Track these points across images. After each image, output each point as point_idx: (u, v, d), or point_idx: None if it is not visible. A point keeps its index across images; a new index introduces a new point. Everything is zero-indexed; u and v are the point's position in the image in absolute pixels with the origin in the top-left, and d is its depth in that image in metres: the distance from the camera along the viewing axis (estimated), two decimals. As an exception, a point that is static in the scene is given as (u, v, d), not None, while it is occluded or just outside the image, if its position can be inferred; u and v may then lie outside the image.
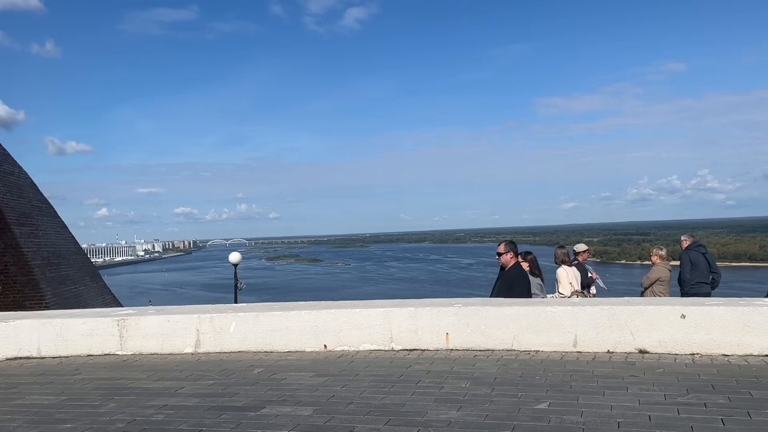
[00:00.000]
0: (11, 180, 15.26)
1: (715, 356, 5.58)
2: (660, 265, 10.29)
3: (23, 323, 7.05)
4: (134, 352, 6.79)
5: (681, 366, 5.32)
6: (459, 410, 4.29)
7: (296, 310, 6.73)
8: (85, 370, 6.21)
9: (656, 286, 10.16)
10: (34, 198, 16.22)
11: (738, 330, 5.59)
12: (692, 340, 5.70)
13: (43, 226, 15.96)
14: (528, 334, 6.08)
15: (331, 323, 6.51)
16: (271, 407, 4.56)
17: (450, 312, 6.28)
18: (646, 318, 5.83)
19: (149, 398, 4.97)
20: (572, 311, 6.02)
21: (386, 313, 6.41)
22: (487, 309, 6.24)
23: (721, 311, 5.68)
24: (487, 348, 6.14)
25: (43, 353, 6.90)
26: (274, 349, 6.56)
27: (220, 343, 6.68)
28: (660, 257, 10.38)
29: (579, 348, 5.93)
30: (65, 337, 6.90)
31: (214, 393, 5.06)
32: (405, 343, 6.35)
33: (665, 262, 10.38)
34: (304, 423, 4.16)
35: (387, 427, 3.99)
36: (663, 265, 10.29)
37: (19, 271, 14.16)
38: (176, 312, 7.04)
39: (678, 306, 5.87)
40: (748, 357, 5.49)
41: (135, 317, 6.91)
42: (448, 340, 6.25)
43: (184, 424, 4.25)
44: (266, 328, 6.62)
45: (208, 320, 6.71)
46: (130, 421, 4.37)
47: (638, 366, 5.36)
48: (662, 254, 10.39)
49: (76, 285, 16.48)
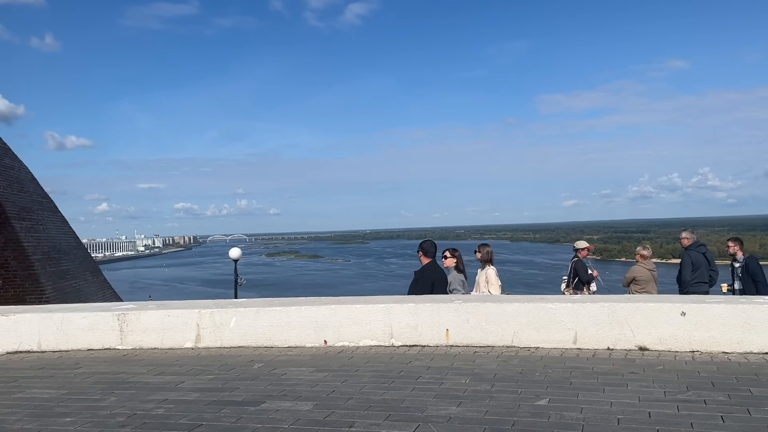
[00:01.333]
0: (12, 174, 15.25)
1: (715, 353, 5.58)
2: (639, 265, 10.26)
3: (24, 317, 7.05)
4: (134, 347, 6.80)
5: (681, 363, 5.33)
6: (459, 406, 4.30)
7: (296, 305, 6.74)
8: (86, 364, 6.22)
9: (633, 285, 10.14)
10: (34, 192, 16.21)
11: (738, 327, 5.59)
12: (692, 337, 5.70)
13: (44, 221, 15.96)
14: (528, 330, 6.08)
15: (332, 319, 6.51)
16: (271, 402, 4.57)
17: (450, 308, 6.29)
18: (646, 315, 5.83)
19: (149, 392, 4.97)
20: (572, 308, 6.02)
21: (386, 309, 6.41)
22: (487, 305, 6.24)
23: (722, 309, 5.68)
24: (487, 344, 6.15)
25: (44, 347, 6.91)
26: (275, 345, 6.57)
27: (220, 338, 6.68)
28: (642, 257, 10.35)
29: (579, 345, 5.93)
30: (65, 331, 6.90)
31: (214, 388, 5.07)
32: (405, 339, 6.35)
33: (647, 262, 10.33)
34: (304, 418, 4.16)
35: (387, 423, 3.99)
36: (642, 265, 10.24)
37: (19, 265, 14.17)
38: (176, 307, 7.04)
39: (678, 303, 5.87)
40: (748, 354, 5.49)
41: (135, 312, 6.91)
42: (448, 337, 6.25)
43: (184, 418, 4.25)
44: (266, 324, 6.63)
45: (208, 315, 6.72)
46: (131, 415, 4.38)
47: (638, 363, 5.36)
48: (644, 254, 10.35)
49: (76, 280, 16.48)
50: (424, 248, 8.42)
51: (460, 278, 8.55)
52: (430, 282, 8.16)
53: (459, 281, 8.51)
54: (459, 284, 8.47)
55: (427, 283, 8.15)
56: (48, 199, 17.01)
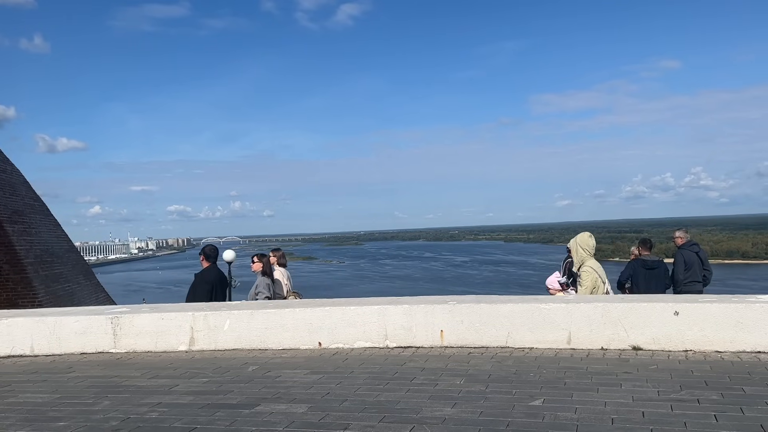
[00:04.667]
0: (3, 177, 15.16)
1: (708, 353, 5.60)
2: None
3: (16, 321, 7.02)
4: (128, 350, 6.77)
5: (674, 362, 5.35)
6: (453, 407, 4.30)
7: (291, 307, 6.72)
8: (79, 368, 6.19)
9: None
10: (26, 196, 16.12)
11: (731, 327, 5.62)
12: (685, 336, 5.72)
13: (36, 224, 15.87)
14: (522, 331, 6.09)
15: (326, 321, 6.50)
16: (265, 405, 4.56)
17: (444, 309, 6.29)
18: (639, 315, 5.85)
19: (143, 396, 4.95)
20: (566, 308, 6.03)
21: (381, 311, 6.41)
22: (481, 306, 6.25)
23: (714, 308, 5.71)
24: (481, 345, 6.16)
25: (37, 351, 6.87)
26: (269, 347, 6.56)
27: (214, 340, 6.66)
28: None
29: (573, 345, 5.95)
30: (58, 335, 6.87)
31: (208, 391, 5.05)
32: (399, 341, 6.35)
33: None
34: (298, 420, 4.15)
35: (381, 425, 3.99)
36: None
37: (11, 269, 14.09)
38: (170, 310, 7.01)
39: (671, 303, 5.89)
40: (741, 353, 5.52)
41: (129, 315, 6.89)
42: (443, 338, 6.26)
43: (178, 422, 4.24)
44: (261, 326, 6.61)
45: (202, 318, 6.70)
46: (124, 419, 4.36)
47: (632, 363, 5.38)
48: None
49: (69, 283, 16.40)
50: (205, 253, 8.97)
51: (266, 282, 8.85)
52: (210, 285, 8.68)
53: (264, 285, 8.80)
54: (264, 288, 8.76)
55: (207, 286, 8.65)
56: (40, 202, 16.92)
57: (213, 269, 8.94)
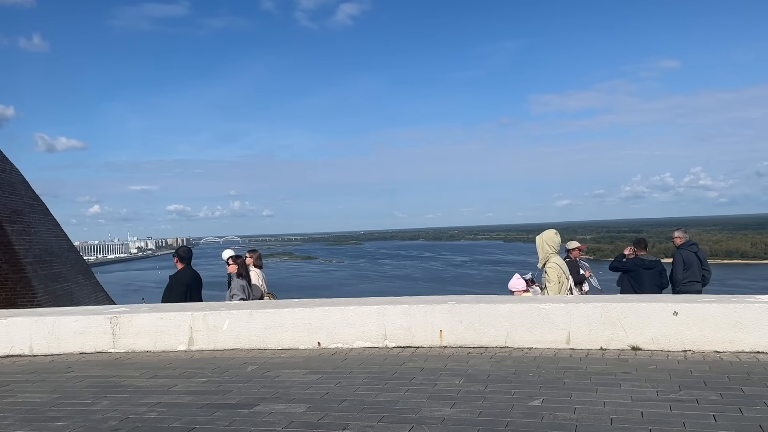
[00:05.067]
0: (2, 177, 15.15)
1: (707, 353, 5.61)
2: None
3: (15, 321, 7.01)
4: (127, 350, 6.77)
5: (673, 363, 5.35)
6: (452, 407, 4.30)
7: (290, 307, 6.72)
8: (78, 367, 6.18)
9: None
10: (25, 195, 16.11)
11: (730, 327, 5.62)
12: (684, 336, 5.72)
13: (35, 224, 15.86)
14: (521, 331, 6.09)
15: (325, 321, 6.50)
16: (264, 404, 4.56)
17: (444, 309, 6.29)
18: (638, 315, 5.85)
19: (142, 396, 4.95)
20: (565, 308, 6.04)
21: (380, 311, 6.41)
22: (480, 306, 6.25)
23: (713, 308, 5.71)
24: (480, 345, 6.16)
25: (35, 351, 6.87)
26: (268, 347, 6.55)
27: (213, 340, 6.66)
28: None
29: (572, 345, 5.95)
30: (57, 335, 6.87)
31: (207, 390, 5.05)
32: (399, 341, 6.35)
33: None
34: (297, 420, 4.15)
35: (381, 424, 3.99)
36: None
37: (10, 268, 14.07)
38: (169, 309, 7.01)
39: (670, 303, 5.89)
40: (740, 353, 5.52)
41: (128, 315, 6.89)
42: (442, 338, 6.26)
43: (177, 421, 4.23)
44: (260, 326, 6.61)
45: (201, 318, 6.70)
46: (123, 419, 4.36)
47: (631, 363, 5.38)
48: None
49: (68, 283, 16.39)
50: (179, 254, 8.95)
51: (241, 284, 8.87)
52: (185, 286, 8.65)
53: (239, 287, 8.83)
54: (239, 290, 8.79)
55: (182, 287, 8.62)
56: (39, 201, 16.91)
57: (187, 270, 8.88)
